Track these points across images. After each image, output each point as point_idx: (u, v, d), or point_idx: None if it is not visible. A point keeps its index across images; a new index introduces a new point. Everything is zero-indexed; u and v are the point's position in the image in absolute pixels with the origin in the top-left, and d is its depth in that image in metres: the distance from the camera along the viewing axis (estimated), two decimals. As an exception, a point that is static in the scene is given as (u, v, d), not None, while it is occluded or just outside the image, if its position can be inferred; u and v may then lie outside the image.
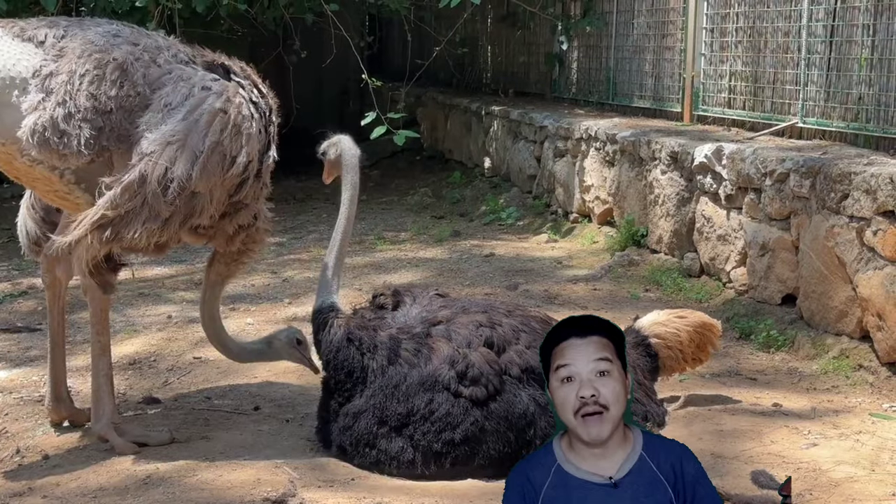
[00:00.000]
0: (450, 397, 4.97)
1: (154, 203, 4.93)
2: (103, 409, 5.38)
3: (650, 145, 9.52)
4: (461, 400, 4.97)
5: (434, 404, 4.96)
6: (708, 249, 8.47)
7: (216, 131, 5.05)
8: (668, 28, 11.28)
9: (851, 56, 7.93)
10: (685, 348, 5.81)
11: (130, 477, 4.94)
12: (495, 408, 4.98)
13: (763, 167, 7.59)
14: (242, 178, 5.20)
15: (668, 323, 5.84)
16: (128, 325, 7.96)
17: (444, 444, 4.93)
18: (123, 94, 4.99)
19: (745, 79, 9.60)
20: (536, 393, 5.02)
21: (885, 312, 6.19)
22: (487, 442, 4.97)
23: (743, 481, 4.88)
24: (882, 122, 7.55)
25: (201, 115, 5.04)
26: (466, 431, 4.94)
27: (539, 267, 9.60)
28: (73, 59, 4.96)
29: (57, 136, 4.88)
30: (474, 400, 4.97)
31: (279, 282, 9.36)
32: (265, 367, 6.76)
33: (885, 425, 5.61)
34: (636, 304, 8.19)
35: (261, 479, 4.88)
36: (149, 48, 5.17)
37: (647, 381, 5.59)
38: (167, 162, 4.93)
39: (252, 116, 5.20)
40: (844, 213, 6.61)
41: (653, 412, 5.45)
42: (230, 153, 5.09)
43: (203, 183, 5.02)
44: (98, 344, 5.43)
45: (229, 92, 5.16)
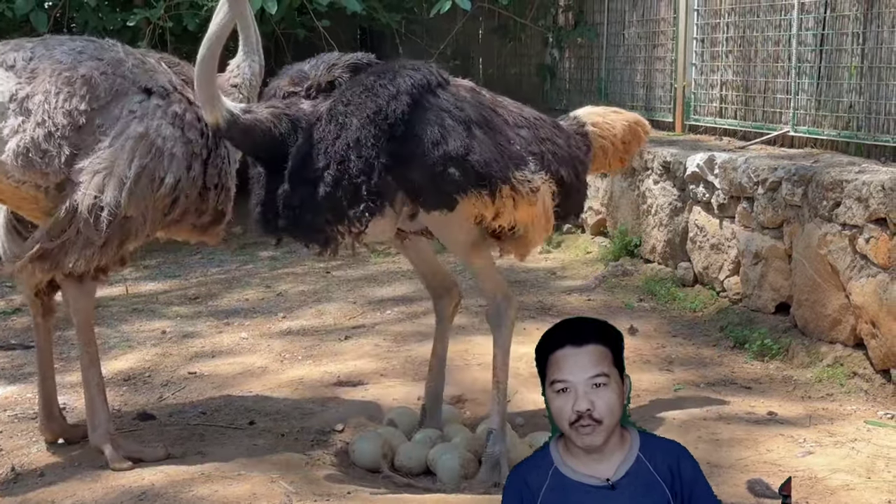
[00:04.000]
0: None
1: (87, 232, 5.05)
2: (98, 419, 5.41)
3: (642, 155, 9.53)
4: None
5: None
6: (701, 258, 8.48)
7: (141, 155, 5.13)
8: (658, 38, 11.32)
9: (842, 65, 7.96)
10: (616, 142, 5.87)
11: (126, 493, 4.93)
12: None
13: (755, 176, 7.61)
14: (174, 196, 5.27)
15: (605, 115, 5.93)
16: (122, 340, 7.94)
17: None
18: (91, 109, 5.07)
19: (736, 88, 9.63)
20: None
21: (878, 320, 6.20)
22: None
23: (739, 490, 4.89)
24: (873, 130, 7.58)
25: (126, 140, 5.11)
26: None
27: (533, 278, 9.60)
28: (45, 79, 5.04)
29: (39, 155, 4.98)
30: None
31: (273, 296, 9.35)
32: (260, 382, 6.76)
33: (881, 433, 5.61)
34: (630, 314, 8.20)
35: (256, 494, 4.87)
36: (112, 62, 5.23)
37: (582, 175, 5.63)
38: (95, 191, 5.02)
39: (175, 136, 5.24)
40: (837, 220, 6.62)
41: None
42: (157, 175, 5.18)
43: (133, 207, 5.12)
44: (86, 355, 5.46)
45: (149, 114, 5.21)
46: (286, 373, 6.99)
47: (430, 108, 4.86)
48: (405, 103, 4.79)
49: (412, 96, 4.82)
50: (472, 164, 4.85)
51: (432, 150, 4.79)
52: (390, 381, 6.75)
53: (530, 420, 6.09)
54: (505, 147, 5.05)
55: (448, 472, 5.32)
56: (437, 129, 4.81)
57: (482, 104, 5.12)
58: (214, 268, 10.82)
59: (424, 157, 4.78)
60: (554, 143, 5.39)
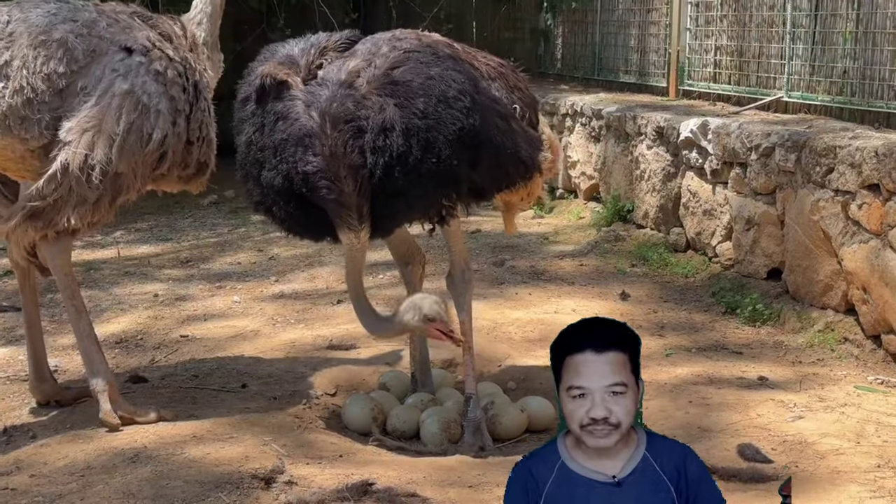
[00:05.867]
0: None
1: (79, 189, 5.09)
2: (96, 367, 5.39)
3: (636, 120, 9.52)
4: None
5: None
6: (694, 224, 8.48)
7: (129, 112, 5.16)
8: (653, 3, 11.27)
9: (836, 30, 7.93)
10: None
11: (118, 455, 4.93)
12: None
13: (748, 141, 7.60)
14: (161, 151, 5.32)
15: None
16: (114, 303, 7.94)
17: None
18: (69, 71, 5.08)
19: (731, 53, 9.60)
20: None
21: (869, 286, 6.21)
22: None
23: (730, 454, 4.90)
24: (867, 96, 7.56)
25: (112, 98, 5.13)
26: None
27: (525, 243, 9.60)
28: (23, 44, 5.03)
29: (18, 121, 5.01)
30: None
31: (266, 259, 9.35)
32: (252, 345, 6.77)
33: (870, 398, 5.64)
34: (623, 280, 8.21)
35: (249, 456, 4.88)
36: (87, 23, 5.22)
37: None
38: (86, 149, 5.05)
39: (159, 93, 5.28)
40: (830, 186, 6.62)
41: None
42: (146, 131, 5.22)
43: (124, 164, 5.17)
44: (72, 308, 5.46)
45: (132, 72, 5.22)
46: (278, 336, 6.99)
47: (487, 107, 5.10)
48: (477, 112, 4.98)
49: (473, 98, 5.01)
50: (524, 160, 5.29)
51: (503, 155, 5.15)
52: (382, 344, 6.75)
53: (521, 384, 6.11)
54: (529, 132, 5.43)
55: (430, 435, 5.37)
56: (503, 136, 5.15)
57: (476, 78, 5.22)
58: (207, 231, 10.80)
59: (497, 160, 5.13)
60: (521, 89, 5.55)
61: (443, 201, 5.06)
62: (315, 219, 4.98)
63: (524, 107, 5.45)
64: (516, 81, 5.52)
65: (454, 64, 5.01)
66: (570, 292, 7.91)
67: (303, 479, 4.69)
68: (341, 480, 4.63)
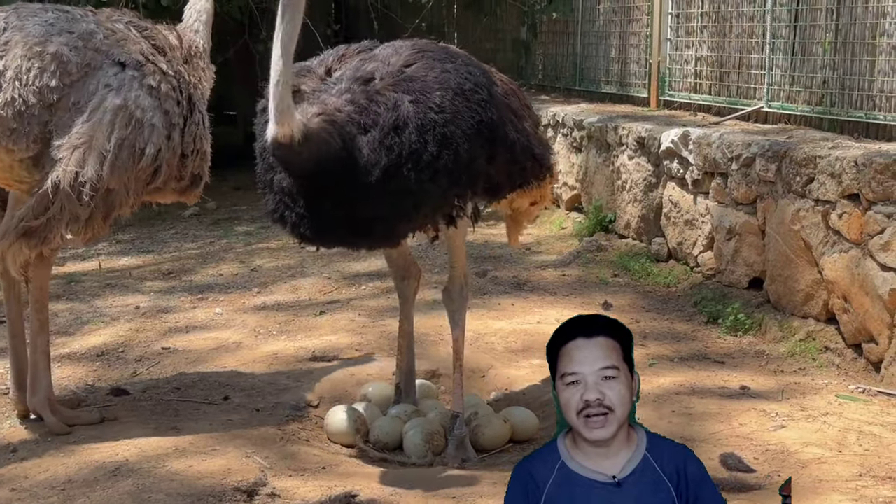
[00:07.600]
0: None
1: (71, 207, 5.05)
2: (39, 384, 5.48)
3: (617, 131, 9.55)
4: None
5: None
6: (675, 234, 8.51)
7: (121, 127, 5.13)
8: (633, 13, 11.32)
9: (815, 40, 7.97)
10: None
11: (100, 468, 4.91)
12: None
13: (729, 152, 7.63)
14: (155, 166, 5.30)
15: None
16: (96, 315, 7.91)
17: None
18: (62, 85, 5.05)
19: (711, 64, 9.64)
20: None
21: (850, 295, 6.24)
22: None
23: (712, 464, 4.90)
24: (846, 106, 7.60)
25: (104, 113, 5.10)
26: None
27: (507, 253, 9.61)
28: (17, 54, 5.00)
29: (7, 133, 4.99)
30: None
31: (248, 271, 9.33)
32: (234, 357, 6.75)
33: (852, 406, 5.66)
34: (605, 290, 8.22)
35: (231, 469, 4.87)
36: (83, 35, 5.20)
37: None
38: (76, 166, 5.02)
39: (153, 107, 5.26)
40: (810, 196, 6.65)
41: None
42: (139, 146, 5.19)
43: (115, 180, 5.14)
44: (37, 322, 5.50)
45: (125, 87, 5.20)
46: (261, 348, 6.98)
47: (502, 103, 5.12)
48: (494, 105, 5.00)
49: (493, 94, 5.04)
50: (538, 157, 5.34)
51: (518, 150, 5.16)
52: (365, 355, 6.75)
53: (505, 395, 6.11)
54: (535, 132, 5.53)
55: (413, 447, 5.36)
56: (518, 133, 5.18)
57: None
58: (189, 242, 10.77)
59: (513, 155, 5.13)
60: (529, 107, 5.63)
61: (455, 201, 4.95)
62: (325, 219, 4.76)
63: (533, 124, 5.53)
64: (524, 100, 5.58)
65: (469, 59, 5.07)
66: (552, 302, 7.92)
67: (285, 492, 4.68)
68: (324, 492, 4.63)
